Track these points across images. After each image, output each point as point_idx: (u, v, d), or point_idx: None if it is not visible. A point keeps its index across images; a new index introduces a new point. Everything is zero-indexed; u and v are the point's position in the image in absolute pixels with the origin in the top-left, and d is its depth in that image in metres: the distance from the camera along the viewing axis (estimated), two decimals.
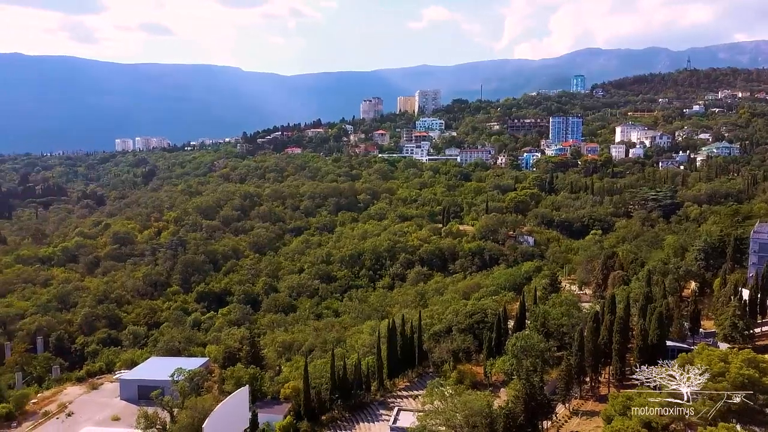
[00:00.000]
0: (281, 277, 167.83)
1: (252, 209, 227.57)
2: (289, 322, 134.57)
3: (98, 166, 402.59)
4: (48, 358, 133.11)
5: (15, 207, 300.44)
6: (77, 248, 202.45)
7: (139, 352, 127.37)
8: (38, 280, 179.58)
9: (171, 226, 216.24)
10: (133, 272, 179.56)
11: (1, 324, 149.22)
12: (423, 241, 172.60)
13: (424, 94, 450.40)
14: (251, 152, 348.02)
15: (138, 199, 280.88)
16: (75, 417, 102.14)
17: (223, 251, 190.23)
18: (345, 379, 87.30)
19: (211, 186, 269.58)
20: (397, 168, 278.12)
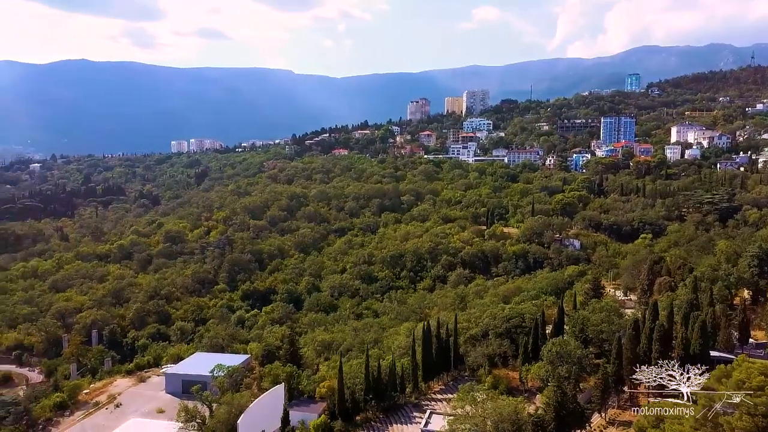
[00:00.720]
0: (324, 276, 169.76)
1: (298, 210, 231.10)
2: (329, 321, 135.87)
3: (155, 167, 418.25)
4: (101, 350, 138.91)
5: (77, 206, 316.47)
6: (132, 246, 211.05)
7: (185, 347, 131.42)
8: (95, 275, 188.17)
9: (220, 225, 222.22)
10: (182, 270, 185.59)
11: (60, 317, 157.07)
12: (465, 243, 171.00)
13: (472, 94, 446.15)
14: (299, 153, 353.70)
15: (190, 199, 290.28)
16: (123, 408, 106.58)
17: (268, 250, 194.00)
18: (379, 380, 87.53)
19: (259, 186, 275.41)
20: (442, 169, 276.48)
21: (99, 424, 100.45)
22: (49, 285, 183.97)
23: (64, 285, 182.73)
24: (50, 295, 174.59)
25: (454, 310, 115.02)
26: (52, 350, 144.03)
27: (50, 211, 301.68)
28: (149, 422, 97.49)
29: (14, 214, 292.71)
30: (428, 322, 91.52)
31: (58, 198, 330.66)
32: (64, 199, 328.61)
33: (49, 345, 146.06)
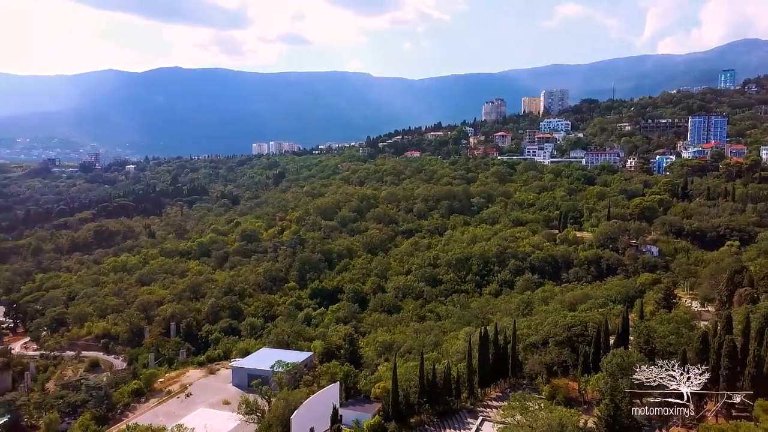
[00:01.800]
0: (389, 277, 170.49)
1: (368, 211, 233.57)
2: (392, 322, 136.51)
3: (236, 169, 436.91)
4: (178, 342, 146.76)
5: (165, 205, 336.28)
6: (211, 243, 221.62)
7: (253, 342, 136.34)
8: (177, 271, 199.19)
9: (293, 225, 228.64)
10: (256, 267, 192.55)
11: (143, 309, 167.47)
12: (535, 247, 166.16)
13: (550, 94, 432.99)
14: (372, 155, 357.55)
15: (267, 199, 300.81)
16: (193, 398, 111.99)
17: (338, 250, 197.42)
18: (434, 383, 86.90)
19: (332, 188, 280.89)
20: (515, 170, 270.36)
21: (170, 412, 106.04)
22: (136, 279, 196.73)
23: (148, 279, 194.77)
24: (136, 288, 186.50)
25: (518, 316, 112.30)
26: (134, 340, 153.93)
27: (141, 210, 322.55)
28: (215, 413, 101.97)
29: (110, 212, 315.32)
30: (485, 327, 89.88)
31: (149, 197, 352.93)
32: (154, 198, 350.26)
33: (132, 335, 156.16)
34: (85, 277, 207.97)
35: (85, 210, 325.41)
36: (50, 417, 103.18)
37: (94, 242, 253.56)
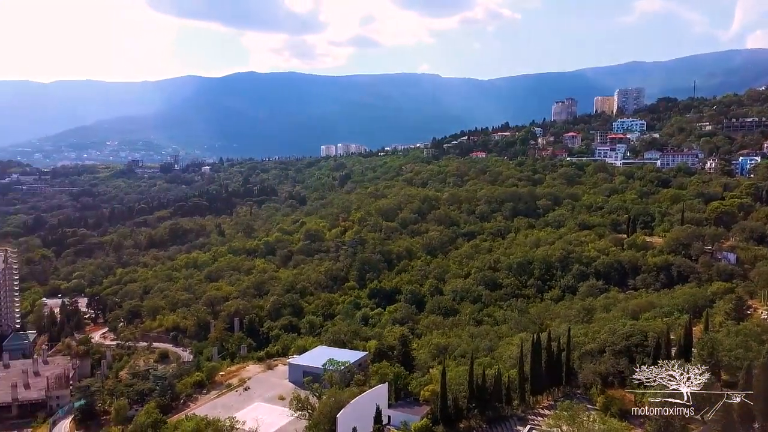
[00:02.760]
0: (447, 280, 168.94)
1: (429, 212, 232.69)
2: (447, 325, 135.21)
3: (305, 170, 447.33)
4: (240, 337, 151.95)
5: (236, 204, 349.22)
6: (276, 242, 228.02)
7: (311, 340, 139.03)
8: (243, 268, 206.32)
9: (355, 226, 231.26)
10: (317, 266, 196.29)
11: (210, 304, 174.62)
12: (601, 252, 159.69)
13: (625, 93, 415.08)
14: (437, 157, 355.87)
15: (332, 200, 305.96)
16: (250, 392, 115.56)
17: (397, 251, 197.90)
18: (484, 388, 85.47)
19: (395, 189, 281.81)
20: (585, 172, 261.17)
21: (228, 405, 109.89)
22: (205, 275, 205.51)
23: (216, 276, 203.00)
24: (205, 284, 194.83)
25: (577, 323, 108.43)
26: (201, 333, 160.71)
27: (214, 209, 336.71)
28: (270, 407, 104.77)
29: (185, 211, 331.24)
30: (538, 333, 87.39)
31: (221, 197, 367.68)
32: (226, 198, 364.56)
33: (199, 329, 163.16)
34: (160, 272, 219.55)
35: (163, 209, 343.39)
36: (120, 403, 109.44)
37: (169, 239, 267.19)
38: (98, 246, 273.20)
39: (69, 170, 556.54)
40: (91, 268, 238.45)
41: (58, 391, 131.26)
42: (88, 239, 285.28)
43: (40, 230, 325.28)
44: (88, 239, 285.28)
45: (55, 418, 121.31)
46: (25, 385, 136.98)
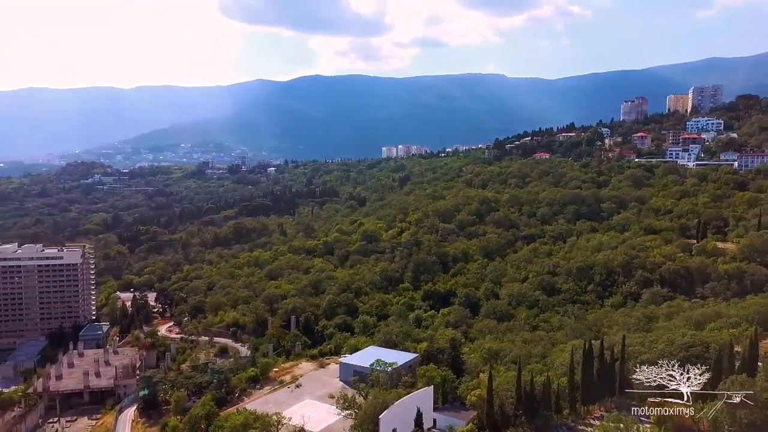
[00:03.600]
0: (504, 284, 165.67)
1: (488, 214, 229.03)
2: (501, 330, 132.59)
3: (366, 171, 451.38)
4: (296, 335, 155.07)
5: (298, 205, 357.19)
6: (335, 242, 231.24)
7: (363, 340, 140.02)
8: (302, 267, 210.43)
9: (412, 227, 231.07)
10: (373, 267, 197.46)
11: (268, 302, 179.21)
12: (667, 258, 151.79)
13: (700, 90, 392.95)
14: (498, 158, 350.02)
15: (391, 201, 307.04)
16: (302, 389, 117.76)
17: (453, 253, 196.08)
18: (532, 396, 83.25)
19: (453, 191, 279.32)
20: (653, 174, 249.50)
21: (280, 400, 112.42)
22: (266, 273, 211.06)
23: (276, 274, 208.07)
24: (264, 282, 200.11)
25: (636, 332, 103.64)
26: (259, 330, 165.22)
27: (277, 209, 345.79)
28: (319, 405, 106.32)
29: (250, 211, 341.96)
30: (590, 341, 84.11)
31: (285, 198, 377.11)
32: (289, 198, 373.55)
33: (257, 325, 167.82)
34: (223, 269, 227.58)
35: (230, 208, 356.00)
36: (179, 394, 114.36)
37: (234, 238, 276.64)
38: (168, 243, 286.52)
39: (145, 171, 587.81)
40: (161, 265, 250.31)
41: (125, 381, 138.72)
42: (160, 237, 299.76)
43: (118, 228, 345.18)
44: (160, 237, 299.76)
45: (121, 406, 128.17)
46: (96, 373, 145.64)
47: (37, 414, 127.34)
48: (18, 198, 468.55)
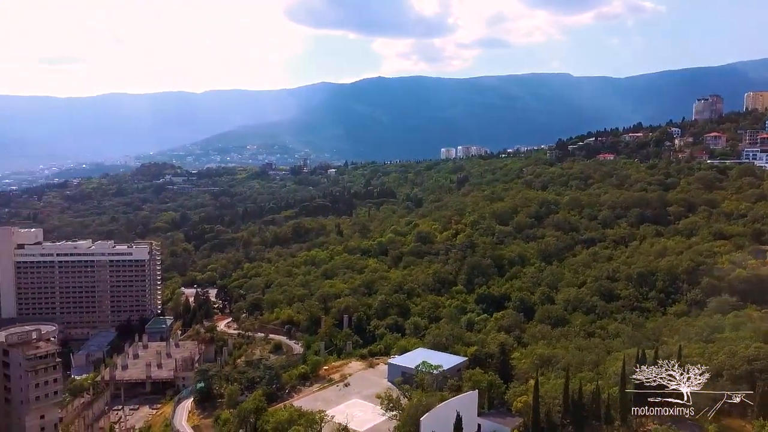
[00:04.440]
0: (560, 288, 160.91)
1: (547, 217, 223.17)
2: (555, 336, 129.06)
3: (423, 173, 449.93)
4: (347, 334, 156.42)
5: (356, 206, 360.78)
6: (389, 243, 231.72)
7: (414, 341, 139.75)
8: (356, 267, 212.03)
9: (467, 229, 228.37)
10: (426, 268, 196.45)
11: (322, 300, 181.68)
12: (737, 264, 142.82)
13: None
14: (560, 159, 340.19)
15: (447, 202, 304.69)
16: (350, 388, 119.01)
17: (509, 256, 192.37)
18: (581, 405, 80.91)
19: (512, 192, 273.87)
20: (727, 176, 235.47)
21: (328, 398, 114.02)
22: (321, 272, 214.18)
23: (332, 273, 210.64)
24: (320, 281, 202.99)
25: (698, 342, 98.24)
26: (312, 328, 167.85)
27: (335, 210, 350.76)
28: (366, 404, 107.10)
29: (309, 211, 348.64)
30: (644, 350, 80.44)
31: (343, 198, 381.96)
32: (347, 199, 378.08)
33: (311, 323, 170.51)
34: (281, 268, 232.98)
35: (290, 209, 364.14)
36: (232, 389, 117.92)
37: (292, 237, 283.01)
38: (230, 242, 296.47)
39: (212, 172, 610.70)
40: (223, 262, 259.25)
41: (184, 373, 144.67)
42: (223, 235, 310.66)
43: (185, 226, 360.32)
44: (223, 235, 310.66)
45: (179, 397, 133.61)
46: (158, 364, 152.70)
47: (104, 401, 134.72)
48: (97, 197, 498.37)
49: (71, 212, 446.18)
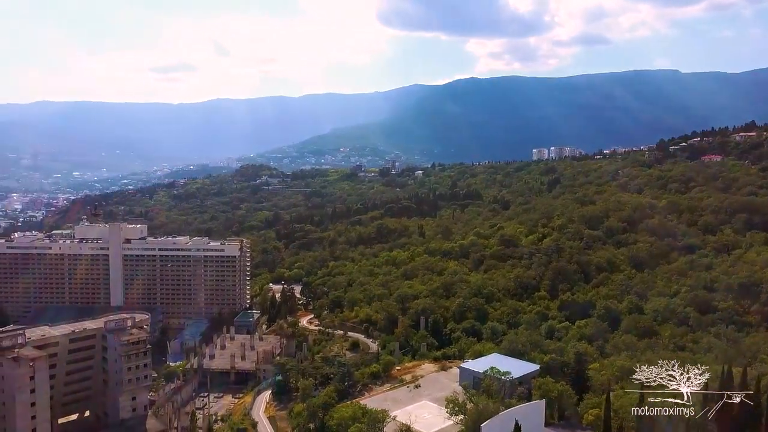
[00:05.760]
0: (650, 297, 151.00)
1: (641, 222, 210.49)
2: (641, 348, 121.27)
3: (513, 174, 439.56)
4: (423, 335, 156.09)
5: (441, 207, 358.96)
6: (471, 246, 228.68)
7: (489, 346, 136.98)
8: (436, 269, 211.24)
9: (555, 233, 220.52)
10: (508, 272, 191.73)
11: (400, 301, 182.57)
12: None
13: None
14: (659, 160, 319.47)
15: (535, 205, 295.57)
16: (420, 390, 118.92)
17: (597, 263, 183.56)
18: (657, 422, 75.32)
19: (605, 195, 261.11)
20: None
21: (397, 399, 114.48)
22: (401, 272, 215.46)
23: (411, 274, 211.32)
24: (399, 281, 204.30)
25: None
26: (389, 327, 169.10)
27: (420, 211, 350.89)
28: (435, 407, 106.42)
29: (394, 212, 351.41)
30: (729, 368, 73.54)
31: (428, 200, 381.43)
32: (432, 201, 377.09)
33: (388, 323, 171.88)
34: (363, 267, 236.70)
35: (376, 209, 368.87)
36: (306, 383, 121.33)
37: (376, 237, 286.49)
38: (318, 241, 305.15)
39: (305, 173, 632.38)
40: (309, 260, 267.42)
41: (265, 365, 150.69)
42: (311, 234, 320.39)
43: (277, 225, 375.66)
44: (311, 234, 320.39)
45: (259, 388, 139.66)
46: (242, 356, 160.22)
47: (191, 388, 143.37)
48: (200, 196, 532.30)
49: (177, 210, 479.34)
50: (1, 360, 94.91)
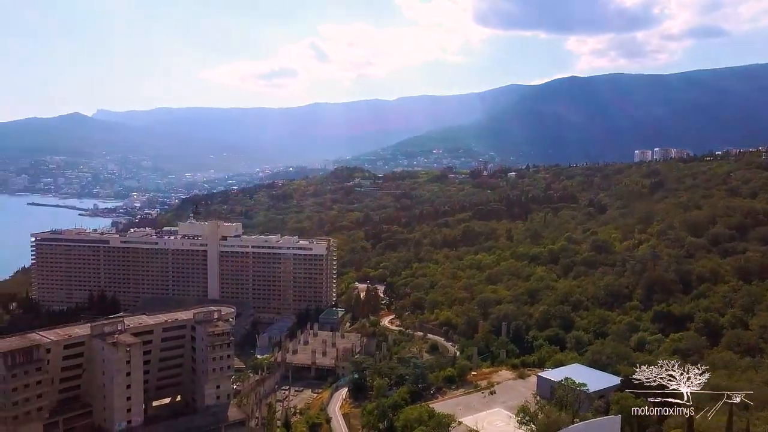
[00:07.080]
0: (758, 312, 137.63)
1: (753, 229, 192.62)
2: (742, 366, 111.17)
3: (612, 176, 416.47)
4: (504, 342, 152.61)
5: (532, 210, 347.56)
6: (561, 251, 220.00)
7: (571, 356, 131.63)
8: (522, 274, 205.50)
9: (653, 239, 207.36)
10: (598, 280, 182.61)
11: (482, 305, 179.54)
12: None
13: None
14: None
15: (634, 209, 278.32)
16: (495, 396, 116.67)
17: (698, 272, 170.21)
18: None
19: (713, 200, 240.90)
20: None
21: (470, 404, 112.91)
22: (485, 277, 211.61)
23: (495, 279, 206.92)
24: (483, 286, 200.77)
25: None
26: (469, 332, 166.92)
27: (509, 214, 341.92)
28: (507, 415, 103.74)
29: (482, 215, 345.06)
30: None
31: (519, 202, 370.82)
32: (523, 203, 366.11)
33: (468, 327, 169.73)
34: (447, 269, 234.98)
35: (464, 211, 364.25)
36: (380, 382, 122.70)
37: (461, 240, 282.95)
38: (404, 242, 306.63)
39: (397, 175, 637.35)
40: (394, 261, 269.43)
41: (344, 363, 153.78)
42: (398, 235, 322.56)
43: (366, 225, 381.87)
44: (398, 235, 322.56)
45: (337, 385, 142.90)
46: (323, 352, 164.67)
47: (274, 380, 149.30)
48: (296, 197, 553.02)
49: (274, 210, 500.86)
50: (103, 345, 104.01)
